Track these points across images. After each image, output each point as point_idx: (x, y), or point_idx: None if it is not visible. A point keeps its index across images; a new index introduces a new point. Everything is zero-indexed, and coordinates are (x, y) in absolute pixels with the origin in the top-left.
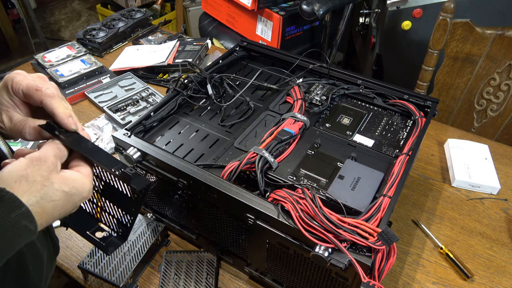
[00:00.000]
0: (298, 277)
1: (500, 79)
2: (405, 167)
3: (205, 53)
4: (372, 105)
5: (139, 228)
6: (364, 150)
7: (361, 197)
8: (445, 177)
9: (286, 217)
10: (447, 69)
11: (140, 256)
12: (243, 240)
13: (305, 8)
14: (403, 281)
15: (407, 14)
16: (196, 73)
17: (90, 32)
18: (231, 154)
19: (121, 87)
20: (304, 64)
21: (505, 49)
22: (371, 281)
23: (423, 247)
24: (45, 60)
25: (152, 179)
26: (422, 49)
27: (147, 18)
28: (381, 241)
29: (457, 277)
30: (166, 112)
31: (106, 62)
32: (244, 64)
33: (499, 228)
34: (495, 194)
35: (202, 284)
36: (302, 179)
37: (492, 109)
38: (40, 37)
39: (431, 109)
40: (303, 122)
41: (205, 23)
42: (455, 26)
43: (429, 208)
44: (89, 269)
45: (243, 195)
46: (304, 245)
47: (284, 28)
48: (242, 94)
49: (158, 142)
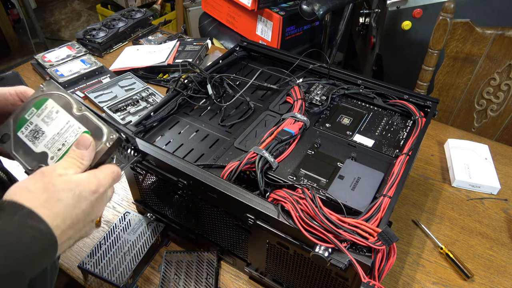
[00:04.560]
0: (298, 277)
1: (500, 79)
2: (405, 167)
3: (205, 53)
4: (372, 105)
5: (139, 228)
6: (364, 150)
7: (361, 197)
8: (445, 177)
9: (286, 217)
10: (447, 69)
11: (140, 256)
12: (243, 240)
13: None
14: (403, 281)
15: (407, 14)
16: (196, 73)
17: (90, 32)
18: (231, 154)
19: (121, 87)
20: (304, 64)
21: (505, 49)
22: (371, 281)
23: (423, 247)
24: (45, 60)
25: (152, 179)
26: (422, 49)
27: (147, 18)
28: (381, 241)
29: (457, 277)
30: (166, 112)
31: (106, 62)
32: (244, 64)
33: (499, 228)
34: (495, 194)
35: (202, 284)
36: (302, 179)
37: (492, 109)
38: (40, 37)
39: (431, 109)
40: (303, 122)
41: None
42: (455, 26)
43: (429, 208)
44: (89, 269)
45: (243, 195)
46: (304, 245)
47: (284, 28)
48: (242, 94)
49: (158, 142)
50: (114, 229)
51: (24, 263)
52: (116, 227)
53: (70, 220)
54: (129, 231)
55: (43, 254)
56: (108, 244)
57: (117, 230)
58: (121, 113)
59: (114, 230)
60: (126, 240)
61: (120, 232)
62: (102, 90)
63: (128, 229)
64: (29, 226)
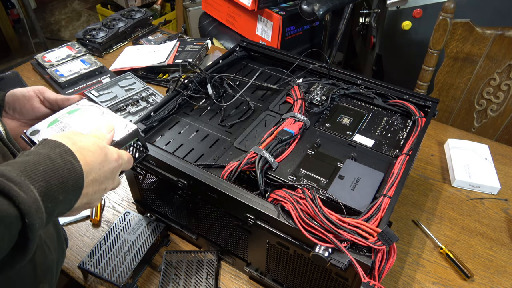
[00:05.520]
0: (298, 277)
1: (500, 79)
2: (405, 167)
3: (205, 53)
4: (372, 105)
5: (139, 228)
6: (364, 150)
7: (361, 197)
8: (445, 177)
9: (286, 217)
10: (447, 69)
11: (140, 256)
12: (243, 240)
13: (305, 8)
14: (403, 281)
15: (407, 14)
16: (196, 73)
17: (90, 32)
18: (231, 154)
19: (121, 87)
20: (304, 64)
21: (505, 49)
22: (371, 281)
23: (423, 247)
24: (45, 60)
25: (152, 179)
26: (422, 49)
27: (147, 18)
28: (381, 241)
29: (457, 277)
30: (166, 112)
31: (106, 62)
32: (244, 64)
33: (499, 228)
34: (495, 194)
35: (202, 284)
36: (302, 179)
37: (492, 109)
38: (40, 37)
39: (431, 109)
40: (303, 122)
41: (205, 23)
42: (455, 26)
43: (429, 208)
44: (89, 269)
45: (243, 195)
46: (304, 245)
47: (284, 28)
48: (242, 94)
49: (158, 142)
50: (114, 229)
51: (57, 192)
52: (116, 227)
53: (94, 174)
54: (129, 231)
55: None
56: (108, 244)
57: (117, 230)
58: (121, 113)
59: (114, 230)
60: (126, 240)
61: (120, 232)
62: (102, 90)
63: (128, 229)
64: (68, 161)
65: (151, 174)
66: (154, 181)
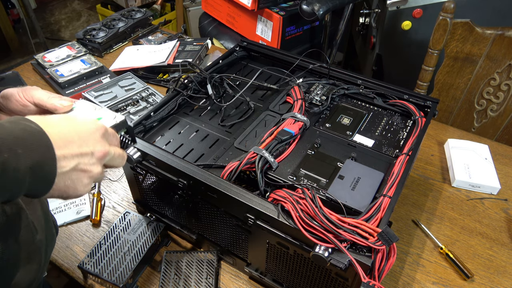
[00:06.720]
0: (298, 277)
1: (500, 79)
2: (405, 167)
3: (205, 53)
4: (372, 105)
5: (139, 228)
6: (364, 150)
7: (361, 197)
8: (445, 177)
9: (286, 217)
10: (447, 69)
11: (140, 256)
12: (243, 240)
13: (305, 8)
14: (403, 281)
15: (407, 14)
16: (196, 73)
17: (90, 32)
18: (231, 154)
19: (121, 87)
20: (304, 64)
21: (505, 49)
22: (371, 281)
23: (423, 247)
24: (45, 60)
25: (152, 179)
26: (422, 49)
27: (147, 18)
28: (381, 241)
29: (457, 277)
30: (166, 112)
31: (106, 62)
32: (244, 64)
33: (499, 228)
34: (495, 194)
35: (202, 284)
36: (302, 179)
37: (492, 109)
38: (40, 37)
39: (431, 109)
40: (303, 122)
41: (205, 23)
42: (455, 26)
43: (429, 208)
44: (89, 269)
45: (243, 195)
46: (304, 245)
47: (284, 28)
48: (242, 94)
49: (158, 142)
50: (114, 229)
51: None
52: (116, 227)
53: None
54: (129, 231)
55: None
56: (108, 244)
57: (117, 230)
58: (121, 113)
59: (114, 230)
60: (126, 240)
61: (120, 232)
62: (102, 90)
63: (128, 229)
64: (21, 124)
65: (151, 174)
66: (154, 181)
